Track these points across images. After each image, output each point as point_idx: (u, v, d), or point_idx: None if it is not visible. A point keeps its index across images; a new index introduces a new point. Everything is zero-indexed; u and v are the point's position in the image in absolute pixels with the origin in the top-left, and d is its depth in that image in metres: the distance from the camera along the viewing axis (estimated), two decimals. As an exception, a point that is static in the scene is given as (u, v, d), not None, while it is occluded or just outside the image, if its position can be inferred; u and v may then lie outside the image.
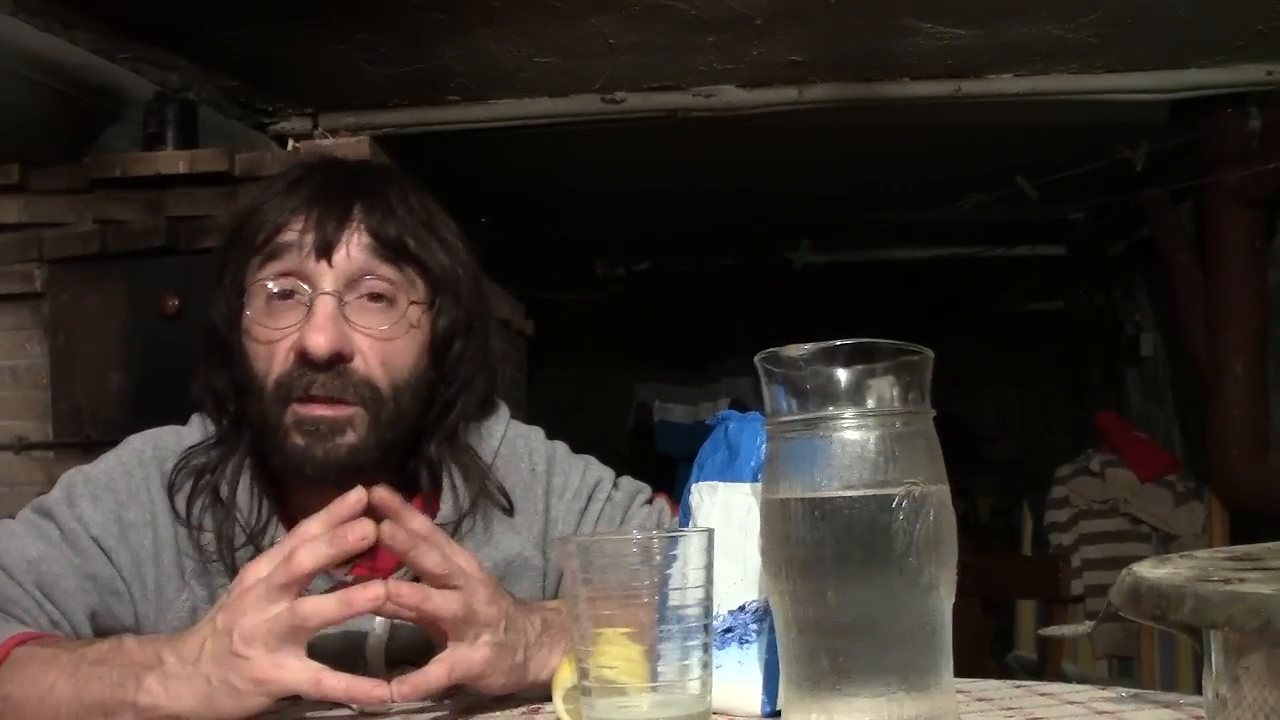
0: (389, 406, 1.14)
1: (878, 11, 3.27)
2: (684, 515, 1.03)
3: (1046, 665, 2.70)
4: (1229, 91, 3.84)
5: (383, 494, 1.01)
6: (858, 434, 0.79)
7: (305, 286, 1.13)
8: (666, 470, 5.98)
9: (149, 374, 3.21)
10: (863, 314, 2.75)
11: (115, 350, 3.31)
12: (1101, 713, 0.90)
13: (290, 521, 1.18)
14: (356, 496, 0.98)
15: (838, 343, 0.81)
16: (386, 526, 0.98)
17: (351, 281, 1.14)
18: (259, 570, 0.96)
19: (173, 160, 3.36)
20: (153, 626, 1.15)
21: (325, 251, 1.13)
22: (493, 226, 5.00)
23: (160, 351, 3.19)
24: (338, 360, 1.11)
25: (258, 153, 3.58)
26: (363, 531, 0.95)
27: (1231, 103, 3.91)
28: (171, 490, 1.18)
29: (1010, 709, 0.94)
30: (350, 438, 1.12)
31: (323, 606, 0.94)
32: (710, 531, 0.88)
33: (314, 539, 0.96)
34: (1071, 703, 0.94)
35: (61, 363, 3.35)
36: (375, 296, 1.15)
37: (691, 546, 0.86)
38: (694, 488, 1.02)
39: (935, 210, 4.63)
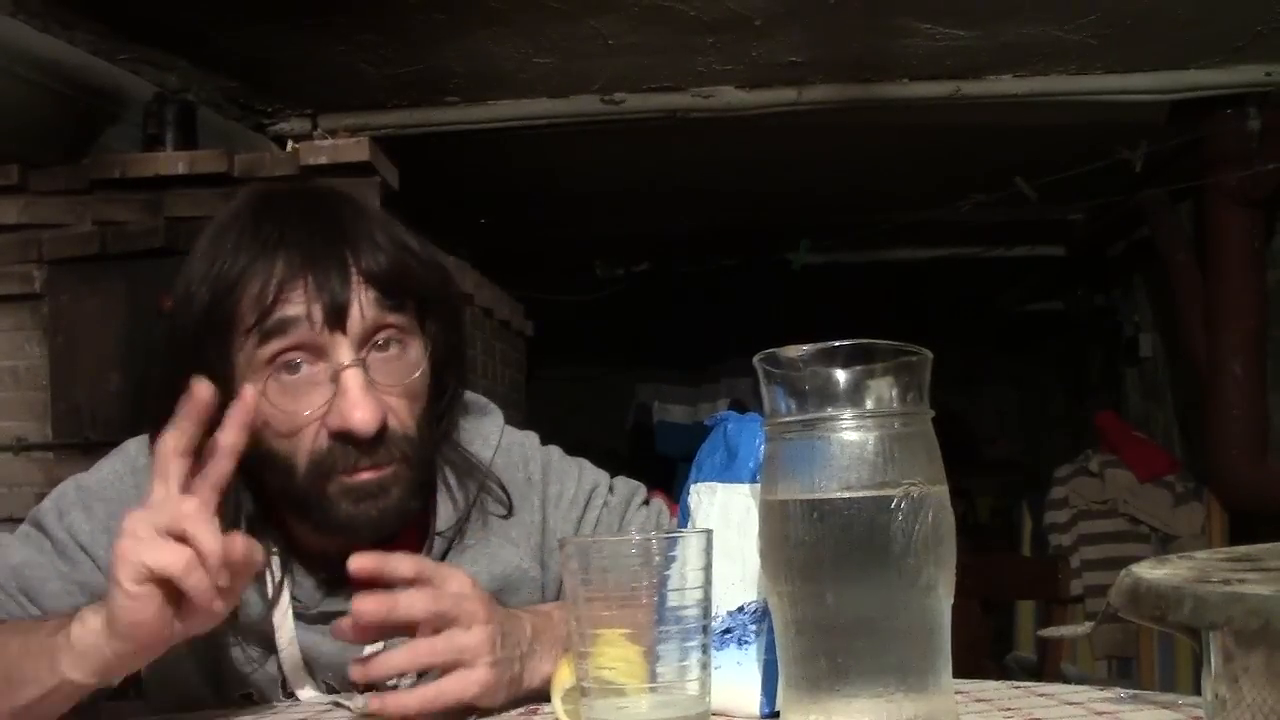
0: (419, 448, 1.12)
1: (877, 12, 3.27)
2: (683, 516, 1.03)
3: (1046, 666, 2.70)
4: (1228, 92, 3.85)
5: (359, 563, 0.98)
6: (857, 435, 0.79)
7: (319, 360, 1.07)
8: (666, 471, 5.98)
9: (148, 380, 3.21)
10: (862, 314, 2.75)
11: (114, 351, 3.31)
12: (1100, 713, 0.90)
13: (293, 553, 1.17)
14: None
15: (837, 343, 0.81)
16: (370, 602, 0.97)
17: (366, 343, 1.08)
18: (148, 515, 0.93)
19: (172, 161, 3.36)
20: None
21: (339, 321, 1.06)
22: (493, 227, 5.01)
23: (160, 352, 3.19)
24: (381, 432, 1.07)
25: (257, 154, 3.58)
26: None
27: (1231, 103, 3.91)
28: None
29: (1009, 709, 0.94)
30: (397, 491, 1.09)
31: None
32: (709, 532, 0.88)
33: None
34: (1070, 703, 0.94)
35: (61, 363, 3.35)
36: (382, 345, 1.10)
37: (690, 547, 0.86)
38: (693, 488, 1.02)
39: (935, 210, 4.63)
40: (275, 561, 1.15)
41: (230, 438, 0.96)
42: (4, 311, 3.41)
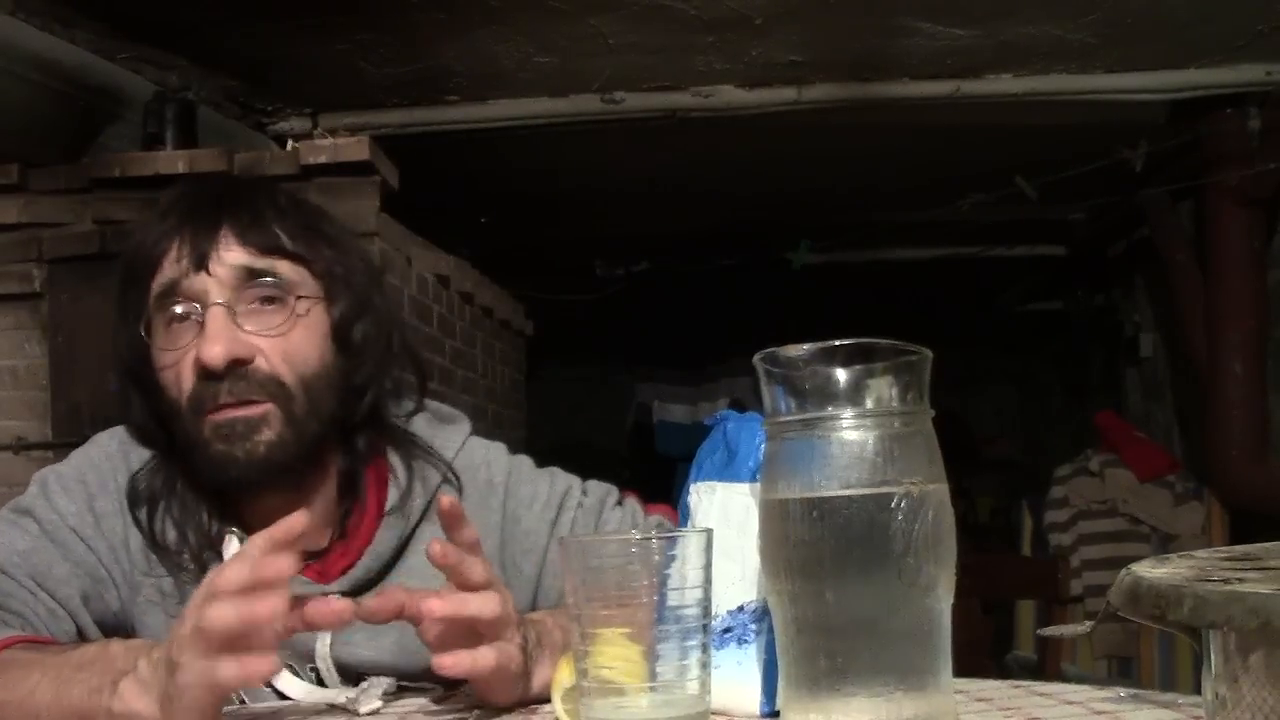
0: (300, 399, 1.16)
1: (877, 11, 3.27)
2: (683, 515, 1.03)
3: (1046, 665, 2.71)
4: (1228, 91, 3.84)
5: (448, 503, 1.01)
6: (856, 434, 0.79)
7: (195, 304, 1.15)
8: (666, 471, 5.98)
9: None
10: (862, 314, 2.75)
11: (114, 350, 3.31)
12: (1100, 713, 0.90)
13: (243, 526, 1.20)
14: (296, 522, 0.95)
15: (837, 343, 0.81)
16: (437, 546, 0.98)
17: (237, 288, 1.15)
18: (227, 574, 0.93)
19: (172, 160, 3.35)
20: (127, 612, 1.18)
21: (201, 263, 1.14)
22: (493, 227, 5.01)
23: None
24: (236, 365, 1.13)
25: (257, 153, 3.58)
26: (280, 566, 0.92)
27: (1231, 103, 3.91)
28: (133, 508, 1.19)
29: (1009, 709, 0.94)
30: (267, 434, 1.14)
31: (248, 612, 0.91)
32: (709, 532, 0.88)
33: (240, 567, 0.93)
34: (1070, 703, 0.94)
35: (60, 363, 3.35)
36: (267, 300, 1.16)
37: (690, 547, 0.86)
38: (693, 488, 1.02)
39: (935, 210, 4.63)
40: (235, 541, 1.17)
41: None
42: (4, 310, 3.41)
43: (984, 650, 3.01)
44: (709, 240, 5.94)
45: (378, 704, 1.06)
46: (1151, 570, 0.69)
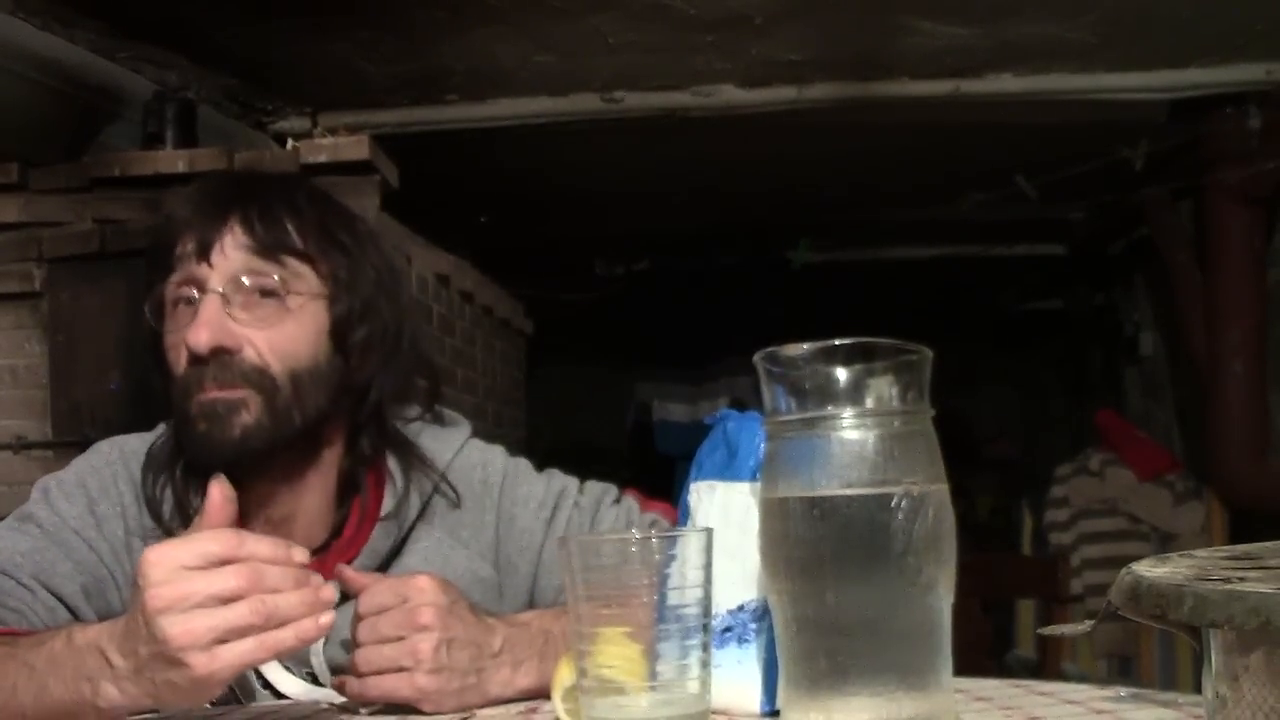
0: (284, 390, 1.18)
1: (877, 11, 3.27)
2: (683, 514, 1.03)
3: (1046, 664, 2.70)
4: (1229, 91, 3.84)
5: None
6: (857, 433, 0.79)
7: (195, 291, 1.18)
8: (666, 470, 5.98)
9: (147, 374, 3.21)
10: (862, 314, 2.75)
11: (114, 349, 3.31)
12: (1100, 712, 0.90)
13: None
14: (218, 490, 1.03)
15: (837, 342, 0.81)
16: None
17: (235, 279, 1.18)
18: (175, 553, 0.92)
19: (171, 159, 3.35)
20: None
21: (204, 253, 1.18)
22: (492, 226, 5.01)
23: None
24: (221, 352, 1.15)
25: (257, 152, 3.57)
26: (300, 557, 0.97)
27: (1231, 102, 3.91)
28: (143, 480, 1.24)
29: (1009, 708, 0.94)
30: (244, 418, 1.16)
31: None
32: (709, 531, 0.88)
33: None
34: (1070, 702, 0.94)
35: (60, 362, 3.35)
36: (265, 293, 1.18)
37: (690, 546, 0.86)
38: (693, 487, 1.02)
39: (935, 209, 4.63)
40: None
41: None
42: (4, 310, 3.41)
43: (984, 650, 3.00)
44: (709, 239, 5.94)
45: (377, 704, 1.06)
46: (1152, 569, 0.68)
